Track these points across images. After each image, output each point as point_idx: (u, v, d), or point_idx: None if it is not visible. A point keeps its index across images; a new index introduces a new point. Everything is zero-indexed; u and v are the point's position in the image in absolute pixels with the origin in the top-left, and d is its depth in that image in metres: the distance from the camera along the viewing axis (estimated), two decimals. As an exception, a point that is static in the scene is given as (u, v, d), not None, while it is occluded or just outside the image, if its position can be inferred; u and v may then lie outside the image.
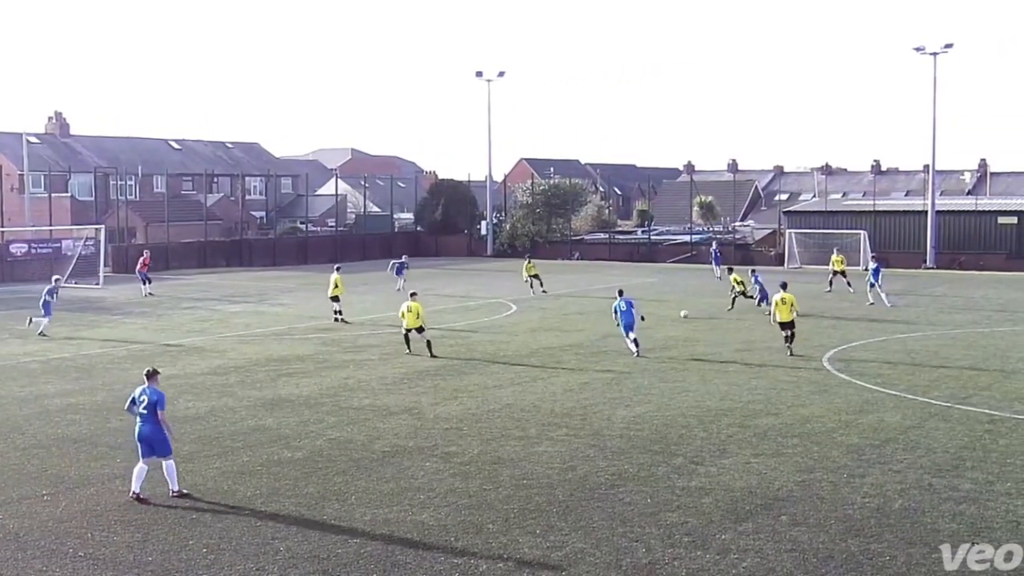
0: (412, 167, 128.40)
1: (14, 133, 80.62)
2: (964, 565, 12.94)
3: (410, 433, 19.77)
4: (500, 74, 76.38)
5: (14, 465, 17.64)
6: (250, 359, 28.67)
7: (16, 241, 59.39)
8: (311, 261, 68.40)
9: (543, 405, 22.21)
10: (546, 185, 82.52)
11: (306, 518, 14.66)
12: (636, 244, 74.70)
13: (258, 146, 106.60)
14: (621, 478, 16.56)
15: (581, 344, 31.24)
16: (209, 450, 18.55)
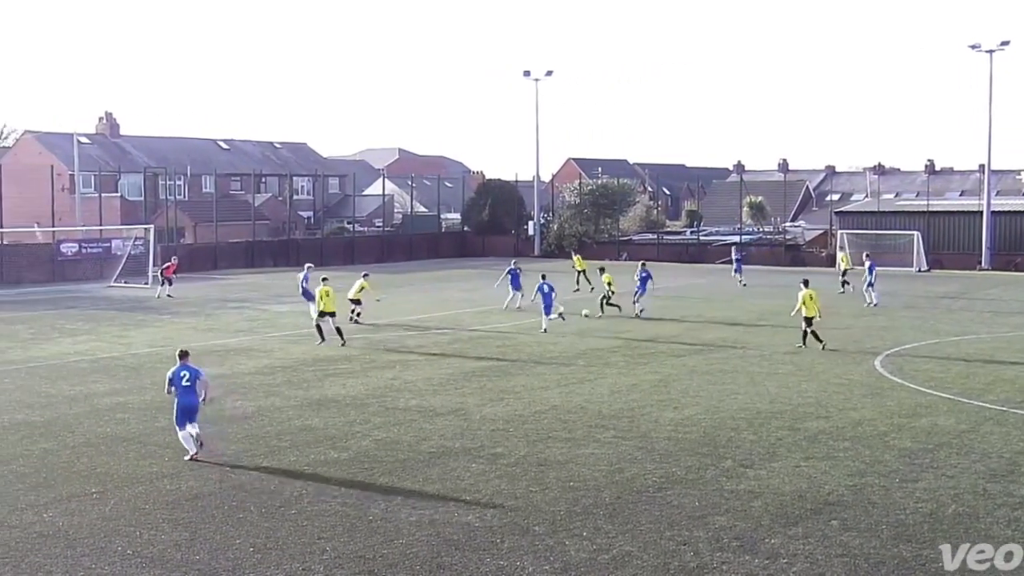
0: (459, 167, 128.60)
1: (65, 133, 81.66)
2: (964, 565, 12.97)
3: (456, 434, 19.81)
4: (548, 73, 76.34)
5: (64, 463, 17.87)
6: (297, 359, 28.86)
7: (67, 241, 60.12)
8: (358, 261, 68.63)
9: (590, 407, 22.18)
10: (594, 185, 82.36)
11: (352, 518, 14.73)
12: (685, 245, 74.41)
13: (306, 146, 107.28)
14: (669, 481, 16.50)
15: (629, 345, 31.16)
16: (256, 449, 18.69)
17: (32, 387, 24.94)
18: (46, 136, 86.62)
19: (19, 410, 22.20)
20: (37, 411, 22.12)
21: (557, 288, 36.36)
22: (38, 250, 59.60)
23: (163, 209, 71.73)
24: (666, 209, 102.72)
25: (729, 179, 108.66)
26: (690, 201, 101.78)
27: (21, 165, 77.42)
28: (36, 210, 67.18)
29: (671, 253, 72.30)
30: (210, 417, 21.17)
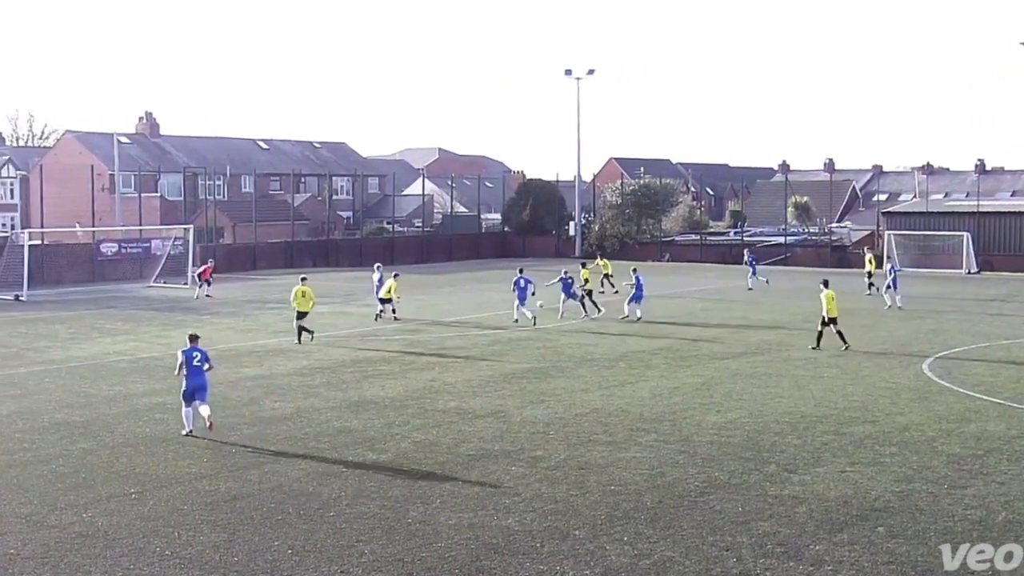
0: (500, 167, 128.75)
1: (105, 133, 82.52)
2: (964, 565, 13.00)
3: (496, 437, 19.82)
4: (590, 72, 76.28)
5: (103, 463, 18.04)
6: (336, 360, 28.98)
7: (107, 241, 60.70)
8: (397, 261, 68.76)
9: (631, 410, 22.13)
10: (636, 185, 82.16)
11: (391, 521, 14.77)
12: (728, 246, 74.04)
13: (345, 146, 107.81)
14: (711, 485, 16.43)
15: (671, 348, 31.06)
16: (294, 451, 18.79)
17: (72, 387, 25.22)
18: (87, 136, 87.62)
19: (59, 410, 22.44)
20: (77, 411, 22.36)
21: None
22: (78, 250, 60.21)
23: (202, 209, 72.31)
24: (709, 210, 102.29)
25: (774, 179, 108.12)
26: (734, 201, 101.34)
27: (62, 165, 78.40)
28: (76, 210, 67.96)
29: (714, 254, 71.99)
30: (248, 418, 21.38)
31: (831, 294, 30.72)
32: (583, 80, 76.50)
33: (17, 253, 50.47)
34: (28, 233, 56.51)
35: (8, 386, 25.33)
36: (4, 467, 17.77)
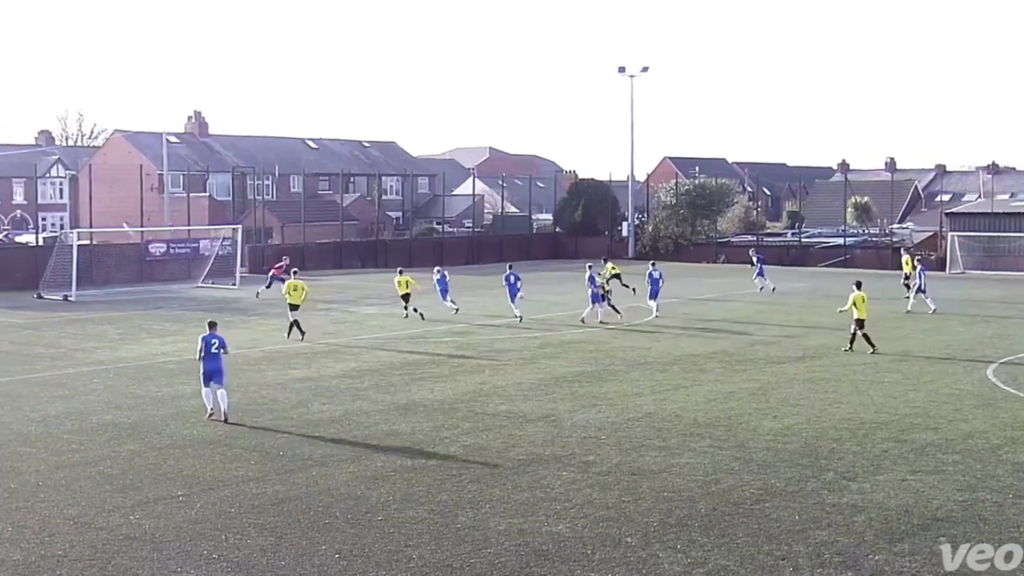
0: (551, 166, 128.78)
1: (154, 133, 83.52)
2: (964, 565, 13.12)
3: (547, 441, 19.81)
4: (644, 69, 76.04)
5: (151, 465, 18.24)
6: (384, 362, 29.11)
7: (155, 241, 61.29)
8: (447, 262, 68.74)
9: (685, 415, 22.04)
10: (691, 185, 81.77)
11: (439, 526, 14.81)
12: (786, 247, 73.52)
13: (395, 145, 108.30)
14: (767, 493, 16.32)
15: (726, 351, 30.90)
16: (342, 454, 18.90)
17: (120, 388, 25.52)
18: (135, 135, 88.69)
19: (107, 411, 22.72)
20: (124, 412, 22.62)
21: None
22: (127, 250, 60.87)
23: (251, 209, 72.89)
24: (766, 210, 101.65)
25: (833, 179, 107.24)
26: (791, 202, 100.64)
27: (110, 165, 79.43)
28: (125, 210, 68.76)
29: (771, 255, 71.25)
30: (296, 421, 21.52)
31: (862, 296, 30.73)
32: (637, 78, 76.33)
33: (66, 253, 51.12)
34: (77, 233, 57.26)
35: (57, 387, 25.69)
36: (52, 468, 18.02)
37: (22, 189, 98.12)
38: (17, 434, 20.60)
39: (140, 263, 59.12)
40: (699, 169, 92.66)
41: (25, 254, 57.97)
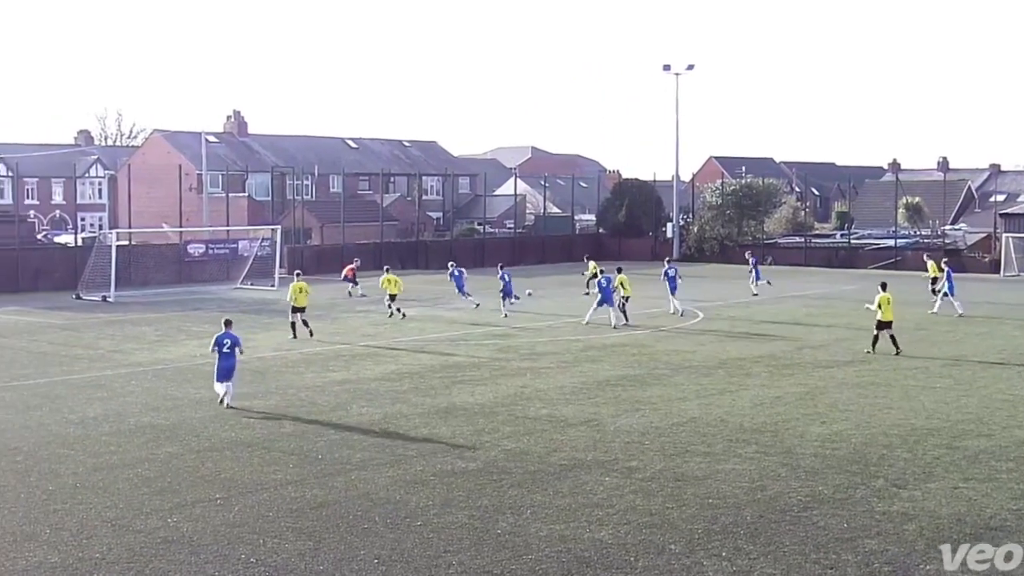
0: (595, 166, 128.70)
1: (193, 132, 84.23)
2: (964, 565, 13.29)
3: (589, 446, 19.79)
4: (689, 67, 75.78)
5: (188, 468, 18.38)
6: (424, 365, 29.18)
7: (194, 242, 61.76)
8: (488, 263, 68.91)
9: (731, 420, 21.94)
10: (737, 185, 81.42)
11: (479, 531, 14.82)
12: (834, 248, 73.07)
13: (436, 144, 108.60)
14: (815, 500, 16.22)
15: (773, 355, 30.74)
16: (382, 458, 18.96)
17: (158, 390, 25.74)
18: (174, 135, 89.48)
19: (145, 413, 22.92)
20: (162, 414, 22.81)
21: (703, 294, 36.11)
22: (165, 251, 61.38)
23: (290, 209, 73.25)
24: (814, 211, 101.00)
25: (883, 178, 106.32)
26: (840, 202, 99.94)
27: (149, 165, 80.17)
28: (163, 210, 69.36)
29: (820, 257, 71.10)
30: (334, 424, 21.61)
31: (887, 297, 30.84)
32: (682, 76, 76.13)
33: (104, 254, 51.63)
34: (116, 234, 57.79)
35: (95, 388, 25.94)
36: (90, 470, 18.20)
37: (61, 189, 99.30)
38: (55, 435, 20.83)
39: (179, 264, 59.60)
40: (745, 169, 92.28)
41: (64, 254, 58.63)
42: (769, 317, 40.22)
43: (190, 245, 61.08)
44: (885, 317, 30.72)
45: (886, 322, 30.76)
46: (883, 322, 30.77)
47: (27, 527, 15.11)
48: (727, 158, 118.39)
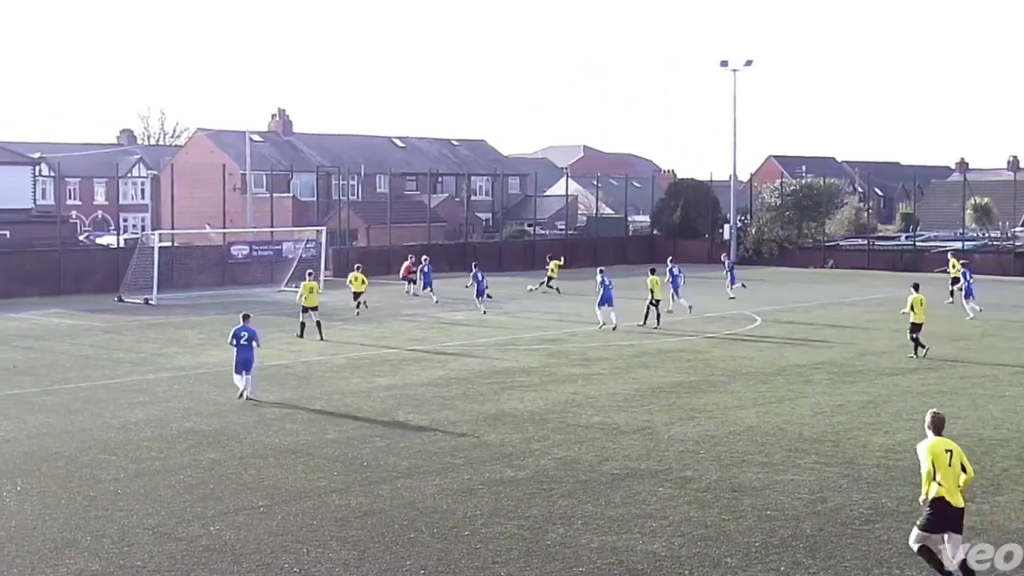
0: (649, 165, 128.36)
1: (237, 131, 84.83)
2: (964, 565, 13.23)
3: (642, 455, 19.74)
4: (747, 63, 75.35)
5: (231, 474, 18.53)
6: (472, 370, 29.23)
7: (237, 243, 62.18)
8: (538, 266, 68.87)
9: (790, 428, 21.81)
10: (797, 185, 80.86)
11: (529, 542, 14.82)
12: (899, 251, 72.38)
13: (485, 143, 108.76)
14: (877, 512, 16.09)
15: (834, 362, 30.52)
16: (428, 466, 19.01)
17: (200, 394, 25.97)
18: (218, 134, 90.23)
19: (187, 418, 23.13)
20: (205, 419, 23.02)
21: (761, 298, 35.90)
22: (209, 252, 61.86)
23: (335, 210, 73.60)
24: (878, 212, 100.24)
25: (950, 178, 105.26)
26: (905, 203, 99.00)
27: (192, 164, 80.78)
28: (207, 211, 69.91)
29: (883, 260, 70.45)
30: (381, 431, 21.69)
31: (920, 298, 31.11)
32: (740, 72, 75.62)
33: (147, 255, 52.13)
34: (158, 235, 58.35)
35: (137, 392, 26.22)
36: (132, 476, 18.40)
37: (103, 189, 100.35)
38: (97, 441, 21.08)
39: (222, 266, 60.03)
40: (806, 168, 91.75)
41: (106, 256, 59.30)
42: (830, 322, 39.92)
43: (234, 247, 61.51)
44: (917, 319, 31.01)
45: (918, 324, 31.02)
46: (916, 324, 31.03)
47: (68, 534, 15.30)
48: (787, 157, 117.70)
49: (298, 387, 26.88)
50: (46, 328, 39.81)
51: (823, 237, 75.93)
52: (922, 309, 31.17)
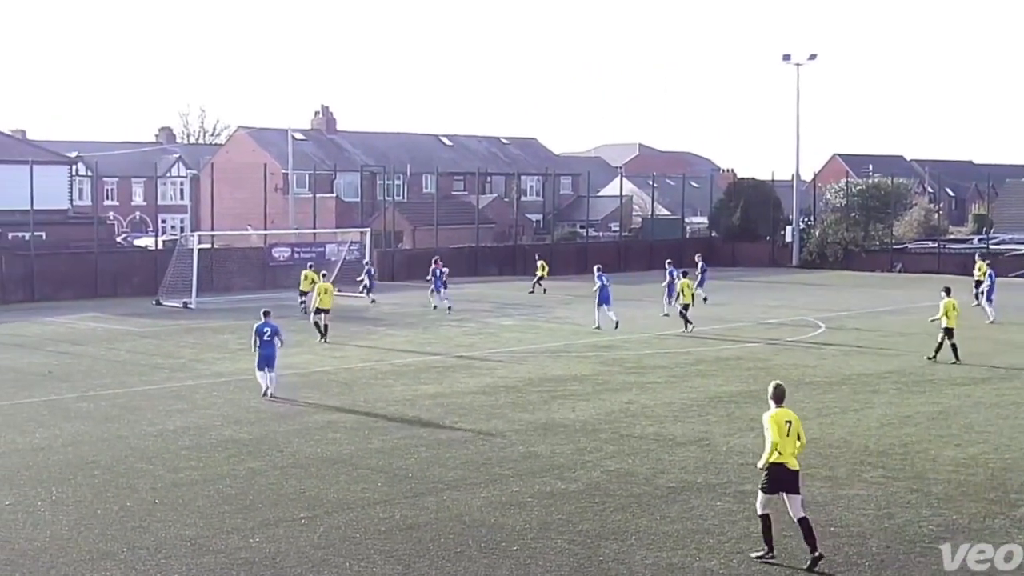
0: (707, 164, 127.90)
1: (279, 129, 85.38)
2: (964, 565, 14.04)
3: (699, 467, 19.66)
4: (811, 57, 74.99)
5: (271, 485, 18.62)
6: (522, 378, 29.23)
7: (279, 245, 62.52)
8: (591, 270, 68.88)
9: (855, 441, 21.65)
10: (863, 185, 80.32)
11: (580, 558, 14.80)
12: (971, 254, 71.54)
13: (536, 142, 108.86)
14: (948, 530, 15.92)
15: (902, 370, 30.27)
16: (476, 477, 19.02)
17: (240, 402, 26.14)
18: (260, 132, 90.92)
19: (227, 426, 23.29)
20: (245, 427, 23.16)
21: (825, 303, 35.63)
22: (249, 254, 62.25)
23: (380, 211, 73.90)
24: (948, 213, 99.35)
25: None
26: (978, 203, 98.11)
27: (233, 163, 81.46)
28: (247, 211, 70.46)
29: (955, 264, 69.66)
30: (426, 440, 21.73)
31: (952, 302, 31.65)
32: (803, 66, 75.31)
33: (186, 258, 52.55)
34: (198, 236, 58.80)
35: (175, 399, 26.44)
36: (169, 486, 18.54)
37: (141, 189, 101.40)
38: (134, 449, 21.27)
39: (263, 268, 60.41)
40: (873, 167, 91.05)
41: (144, 258, 59.94)
42: (898, 329, 39.59)
43: (275, 248, 61.86)
44: (949, 324, 31.42)
45: (949, 329, 31.42)
46: (948, 329, 31.44)
47: (103, 545, 15.43)
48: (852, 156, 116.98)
49: (341, 394, 27.00)
50: (82, 332, 40.25)
51: (890, 240, 75.33)
52: (955, 313, 31.56)
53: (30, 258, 53.96)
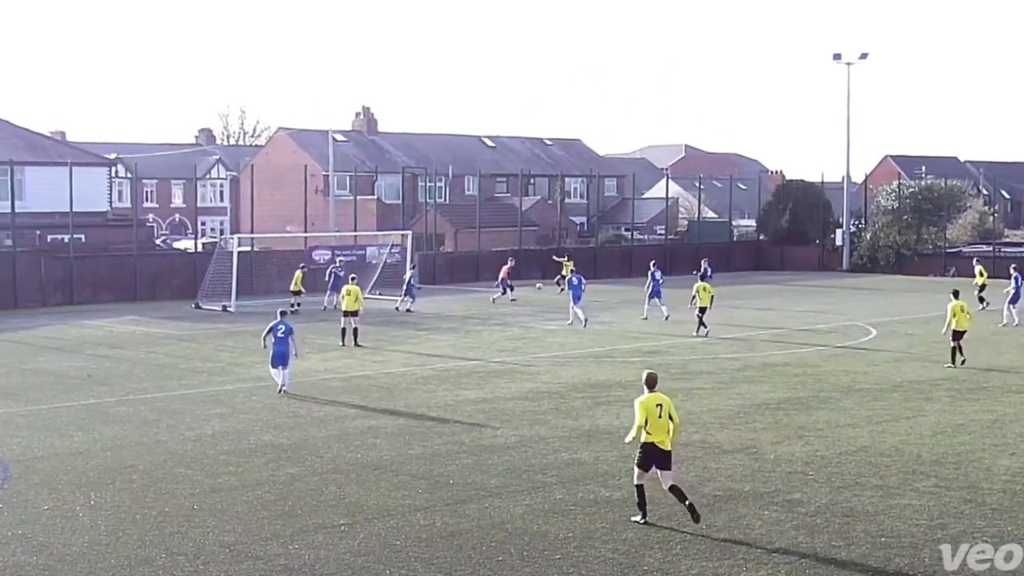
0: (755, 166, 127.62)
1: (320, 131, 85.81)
2: (964, 565, 14.27)
3: (746, 475, 19.59)
4: (862, 56, 74.63)
5: (311, 491, 18.70)
6: (565, 384, 29.21)
7: (319, 247, 62.71)
8: (636, 273, 68.65)
9: (907, 449, 21.51)
10: (916, 187, 79.83)
11: (624, 567, 14.78)
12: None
13: (580, 143, 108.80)
14: (1004, 541, 15.78)
15: (956, 377, 30.03)
16: (518, 484, 19.03)
17: (279, 407, 26.26)
18: (300, 133, 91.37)
19: (266, 431, 23.41)
20: (284, 433, 23.27)
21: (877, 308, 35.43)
22: (289, 257, 62.39)
23: (422, 213, 74.04)
24: (1004, 215, 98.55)
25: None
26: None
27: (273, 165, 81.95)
28: (287, 213, 70.80)
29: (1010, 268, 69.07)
30: (468, 447, 21.76)
31: (960, 305, 32.07)
32: (854, 65, 75.00)
33: (225, 260, 52.74)
34: (237, 239, 59.08)
35: (214, 404, 26.60)
36: (208, 491, 18.66)
37: (181, 191, 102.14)
38: (172, 453, 21.41)
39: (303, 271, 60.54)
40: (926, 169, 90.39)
41: (183, 261, 60.30)
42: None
43: (315, 251, 61.97)
44: (959, 326, 31.75)
45: (960, 332, 31.72)
46: (958, 332, 31.73)
47: (142, 551, 15.55)
48: (905, 157, 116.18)
49: (381, 399, 27.07)
50: (121, 336, 40.57)
51: (944, 243, 74.77)
52: (964, 315, 31.88)
53: (69, 261, 54.43)
